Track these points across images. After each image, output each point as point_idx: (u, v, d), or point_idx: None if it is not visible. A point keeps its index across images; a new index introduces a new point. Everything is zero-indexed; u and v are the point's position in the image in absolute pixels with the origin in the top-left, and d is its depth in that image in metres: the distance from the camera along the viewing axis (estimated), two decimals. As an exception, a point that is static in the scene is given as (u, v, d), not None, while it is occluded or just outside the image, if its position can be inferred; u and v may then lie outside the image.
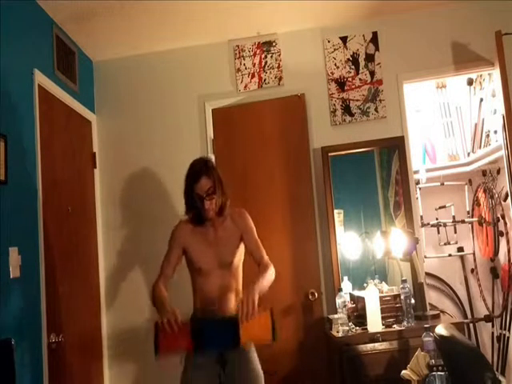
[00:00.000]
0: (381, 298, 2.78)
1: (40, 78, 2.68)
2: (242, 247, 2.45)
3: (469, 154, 3.94)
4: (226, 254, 2.38)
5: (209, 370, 2.29)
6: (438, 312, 2.99)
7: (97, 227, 3.35)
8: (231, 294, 2.37)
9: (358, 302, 2.90)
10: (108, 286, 3.36)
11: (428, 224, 3.84)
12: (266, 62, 3.43)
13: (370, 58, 3.38)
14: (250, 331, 2.08)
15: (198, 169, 2.39)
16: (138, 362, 3.28)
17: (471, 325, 3.86)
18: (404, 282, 2.75)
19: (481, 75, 3.71)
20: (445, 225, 3.88)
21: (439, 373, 1.95)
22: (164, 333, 2.07)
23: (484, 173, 3.83)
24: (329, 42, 3.42)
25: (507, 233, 3.56)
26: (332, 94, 3.38)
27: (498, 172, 3.65)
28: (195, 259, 2.38)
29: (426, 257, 3.73)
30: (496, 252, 3.73)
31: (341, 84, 3.38)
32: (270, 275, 2.33)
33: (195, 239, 2.41)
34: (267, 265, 2.36)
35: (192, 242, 2.41)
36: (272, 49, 3.44)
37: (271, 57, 3.43)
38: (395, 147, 3.30)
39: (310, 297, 3.18)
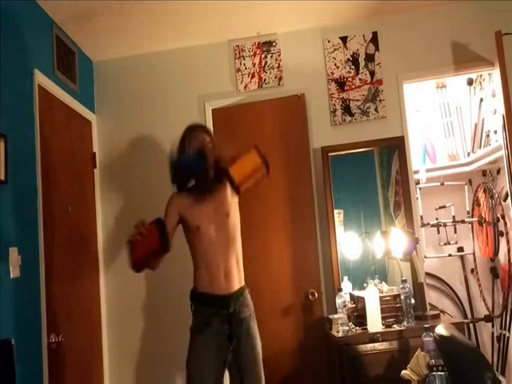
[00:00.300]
0: (381, 298, 2.78)
1: (40, 78, 2.67)
2: (236, 205, 2.49)
3: (469, 154, 3.94)
4: (222, 206, 2.42)
5: (217, 348, 2.31)
6: (438, 312, 2.99)
7: (97, 227, 3.35)
8: (232, 253, 2.39)
9: (358, 302, 2.90)
10: (108, 285, 3.36)
11: (428, 224, 3.84)
12: (266, 62, 3.43)
13: (369, 58, 3.38)
14: (241, 169, 2.19)
15: (194, 126, 2.52)
16: (138, 361, 3.28)
17: (471, 325, 3.86)
18: (404, 282, 2.75)
19: (481, 75, 3.71)
20: (445, 225, 3.88)
21: (439, 373, 1.95)
22: (135, 243, 2.17)
23: (484, 173, 3.83)
24: (329, 41, 3.42)
25: (507, 233, 3.56)
26: (332, 94, 3.38)
27: (498, 172, 3.65)
28: (191, 218, 2.41)
29: (426, 257, 3.73)
30: (496, 252, 3.73)
31: (341, 84, 3.38)
32: None
33: (190, 201, 2.44)
34: None
35: (187, 204, 2.44)
36: (272, 49, 3.44)
37: (271, 57, 3.43)
38: (395, 147, 3.30)
39: (310, 297, 3.18)
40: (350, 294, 3.06)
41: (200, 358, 2.32)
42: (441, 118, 4.10)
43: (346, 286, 3.15)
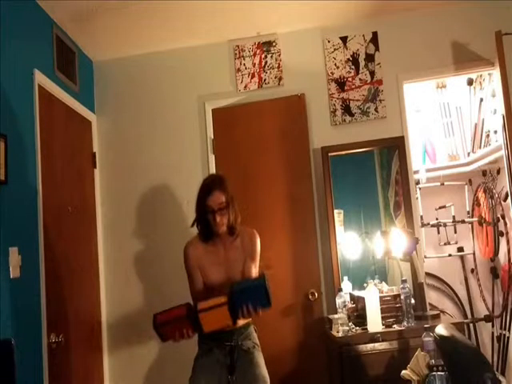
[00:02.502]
0: (381, 298, 2.78)
1: (40, 78, 2.68)
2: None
3: (469, 154, 3.94)
4: (235, 274, 2.40)
5: (217, 375, 2.31)
6: (438, 312, 2.99)
7: (97, 227, 3.35)
8: None
9: (358, 302, 2.90)
10: (108, 285, 3.36)
11: (428, 224, 3.84)
12: (266, 62, 3.43)
13: (369, 58, 3.38)
14: (211, 320, 2.15)
15: (212, 182, 2.42)
16: (138, 362, 3.28)
17: (471, 325, 3.86)
18: (404, 282, 2.75)
19: (481, 75, 3.71)
20: (445, 225, 3.88)
21: (439, 373, 1.95)
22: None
23: (484, 173, 3.83)
24: (329, 41, 3.42)
25: (507, 233, 3.56)
26: (332, 94, 3.38)
27: (498, 172, 3.65)
28: (207, 279, 2.40)
29: (425, 257, 3.73)
30: (496, 252, 3.73)
31: (341, 84, 3.38)
32: None
33: (207, 259, 2.42)
34: None
35: (205, 262, 2.42)
36: (272, 49, 3.44)
37: (271, 57, 3.43)
38: (395, 147, 3.30)
39: (310, 297, 3.18)
40: (350, 293, 3.06)
41: (199, 380, 2.31)
42: (441, 118, 4.10)
43: (346, 286, 3.15)
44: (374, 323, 2.70)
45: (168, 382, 3.22)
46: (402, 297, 2.72)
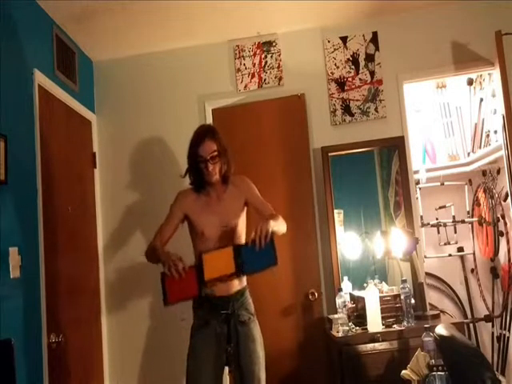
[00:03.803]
0: (381, 298, 2.78)
1: (40, 78, 2.67)
2: (244, 215, 2.46)
3: (469, 154, 3.94)
4: (229, 217, 2.39)
5: (215, 347, 2.32)
6: (438, 312, 2.99)
7: (97, 227, 3.35)
8: None
9: (358, 302, 2.90)
10: (108, 286, 3.36)
11: (428, 224, 3.84)
12: (266, 62, 3.43)
13: (369, 57, 3.38)
14: (213, 264, 2.16)
15: (203, 131, 2.44)
16: (138, 361, 3.28)
17: (471, 325, 3.86)
18: (404, 282, 2.75)
19: (481, 75, 3.71)
20: (445, 225, 3.88)
21: (439, 373, 1.95)
22: (171, 280, 2.12)
23: (484, 173, 3.83)
24: (329, 41, 3.42)
25: (507, 233, 3.56)
26: (332, 94, 3.38)
27: (498, 172, 3.65)
28: (197, 222, 2.39)
29: (426, 257, 3.73)
30: (496, 252, 3.73)
31: (341, 84, 3.38)
32: (282, 222, 2.34)
33: (198, 205, 2.42)
34: (278, 215, 2.36)
35: (195, 207, 2.42)
36: (272, 49, 3.44)
37: (271, 57, 3.43)
38: (395, 147, 3.30)
39: (310, 297, 3.18)
40: (350, 293, 3.06)
41: (198, 354, 2.33)
42: (441, 118, 4.10)
43: (346, 285, 3.14)
44: (374, 323, 2.70)
45: (168, 377, 3.22)
46: (402, 297, 2.72)
